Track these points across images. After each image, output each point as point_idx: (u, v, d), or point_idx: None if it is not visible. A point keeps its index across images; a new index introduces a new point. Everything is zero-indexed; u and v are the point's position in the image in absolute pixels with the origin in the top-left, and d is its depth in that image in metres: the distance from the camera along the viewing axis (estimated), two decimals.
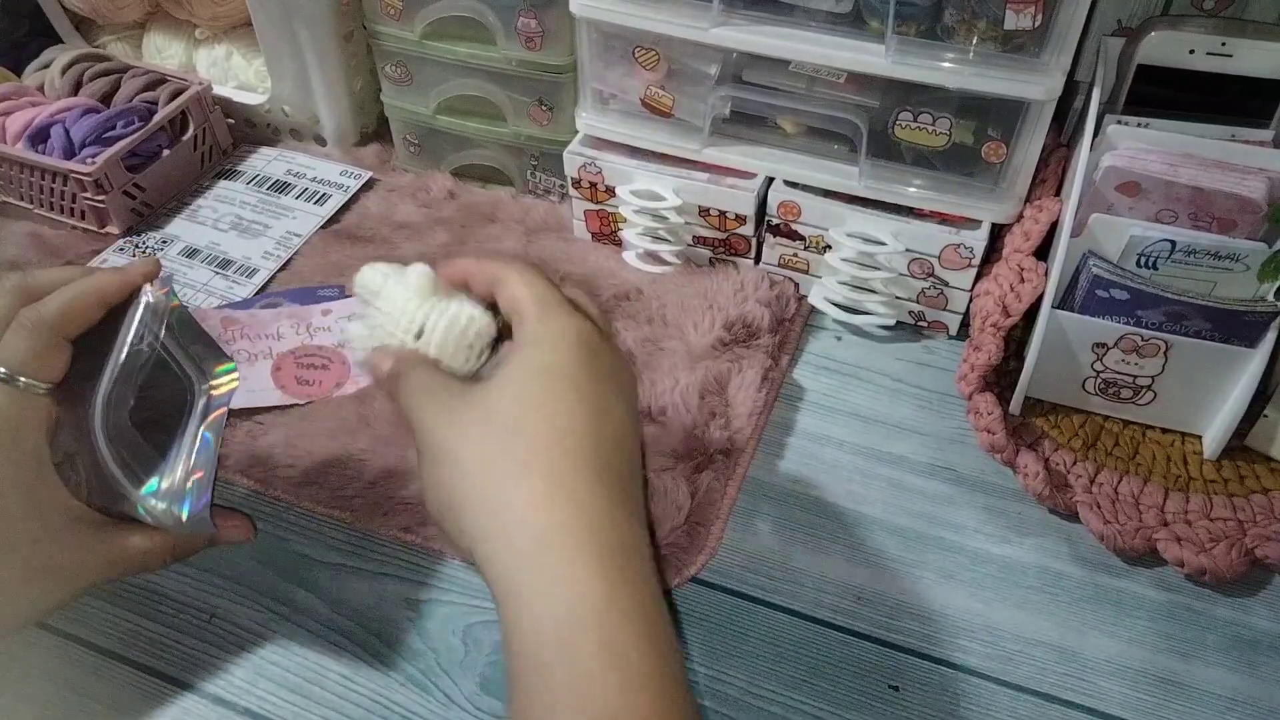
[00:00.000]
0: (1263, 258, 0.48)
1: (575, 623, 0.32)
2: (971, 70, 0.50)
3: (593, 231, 0.66)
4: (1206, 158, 0.51)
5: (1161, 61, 0.53)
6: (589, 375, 0.36)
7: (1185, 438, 0.53)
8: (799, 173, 0.59)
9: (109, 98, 0.70)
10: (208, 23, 0.73)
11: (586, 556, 0.33)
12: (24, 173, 0.66)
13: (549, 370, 0.36)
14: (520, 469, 0.34)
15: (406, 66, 0.66)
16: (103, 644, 0.45)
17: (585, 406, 0.36)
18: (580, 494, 0.34)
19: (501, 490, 0.34)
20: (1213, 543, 0.47)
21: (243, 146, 0.75)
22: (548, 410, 0.35)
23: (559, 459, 0.34)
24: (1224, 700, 0.44)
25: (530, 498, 0.33)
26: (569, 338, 0.37)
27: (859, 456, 0.54)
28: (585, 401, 0.36)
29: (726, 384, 0.55)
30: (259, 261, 0.65)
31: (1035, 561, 0.49)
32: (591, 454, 0.35)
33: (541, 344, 0.36)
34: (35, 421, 0.39)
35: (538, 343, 0.36)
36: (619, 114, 0.62)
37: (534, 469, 0.34)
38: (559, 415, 0.35)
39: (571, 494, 0.34)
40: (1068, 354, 0.51)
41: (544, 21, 0.60)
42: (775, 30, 0.54)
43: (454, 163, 0.71)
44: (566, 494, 0.34)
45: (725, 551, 0.49)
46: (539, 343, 0.36)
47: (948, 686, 0.44)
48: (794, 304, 0.62)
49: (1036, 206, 0.54)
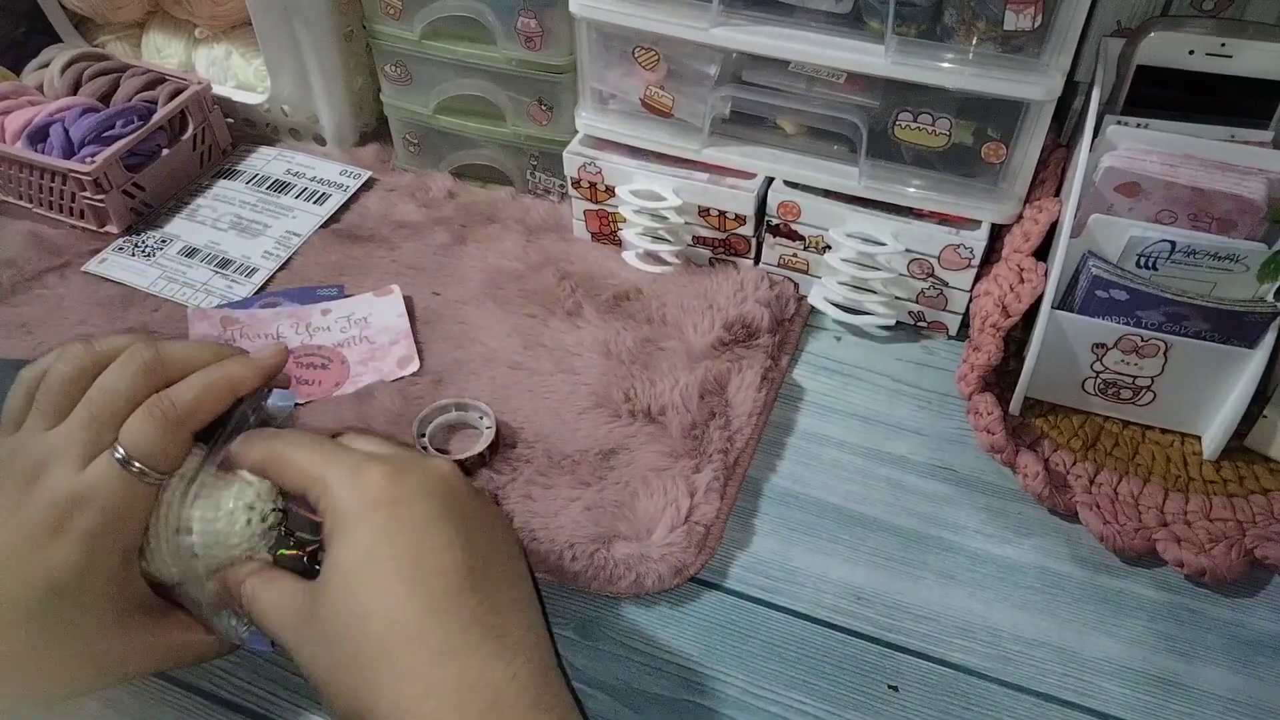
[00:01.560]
0: (1262, 258, 0.49)
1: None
2: (971, 70, 0.50)
3: (593, 231, 0.66)
4: (1206, 158, 0.51)
5: (1161, 62, 0.53)
6: (402, 539, 0.35)
7: (1185, 438, 0.53)
8: (799, 173, 0.59)
9: (108, 97, 0.70)
10: (207, 22, 0.73)
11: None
12: (23, 172, 0.66)
13: (362, 561, 0.35)
14: (369, 685, 0.34)
15: (406, 66, 0.66)
16: None
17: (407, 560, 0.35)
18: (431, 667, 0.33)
19: (368, 711, 0.34)
20: (1212, 543, 0.47)
21: (242, 146, 0.75)
22: (369, 602, 0.34)
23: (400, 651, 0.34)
24: (1224, 700, 0.44)
25: (389, 704, 0.33)
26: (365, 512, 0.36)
27: (859, 456, 0.54)
28: (408, 553, 0.35)
29: (726, 384, 0.55)
30: (258, 261, 0.65)
31: (1035, 562, 0.49)
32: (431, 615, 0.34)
33: (345, 529, 0.35)
34: (140, 511, 0.37)
35: (342, 530, 0.35)
36: (619, 114, 0.62)
37: (380, 679, 0.34)
38: (380, 602, 0.34)
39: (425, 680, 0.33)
40: (1067, 354, 0.51)
41: (544, 21, 0.60)
42: (775, 30, 0.54)
43: (453, 162, 0.71)
44: (420, 681, 0.33)
45: (725, 551, 0.49)
46: (343, 530, 0.35)
47: (947, 686, 0.44)
48: (794, 304, 0.62)
49: (1036, 207, 0.54)
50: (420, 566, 0.35)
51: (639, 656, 0.45)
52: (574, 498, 0.50)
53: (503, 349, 0.58)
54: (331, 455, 0.38)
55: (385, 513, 0.36)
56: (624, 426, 0.53)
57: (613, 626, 0.46)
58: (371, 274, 0.64)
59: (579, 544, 0.47)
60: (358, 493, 0.36)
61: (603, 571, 0.46)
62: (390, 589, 0.34)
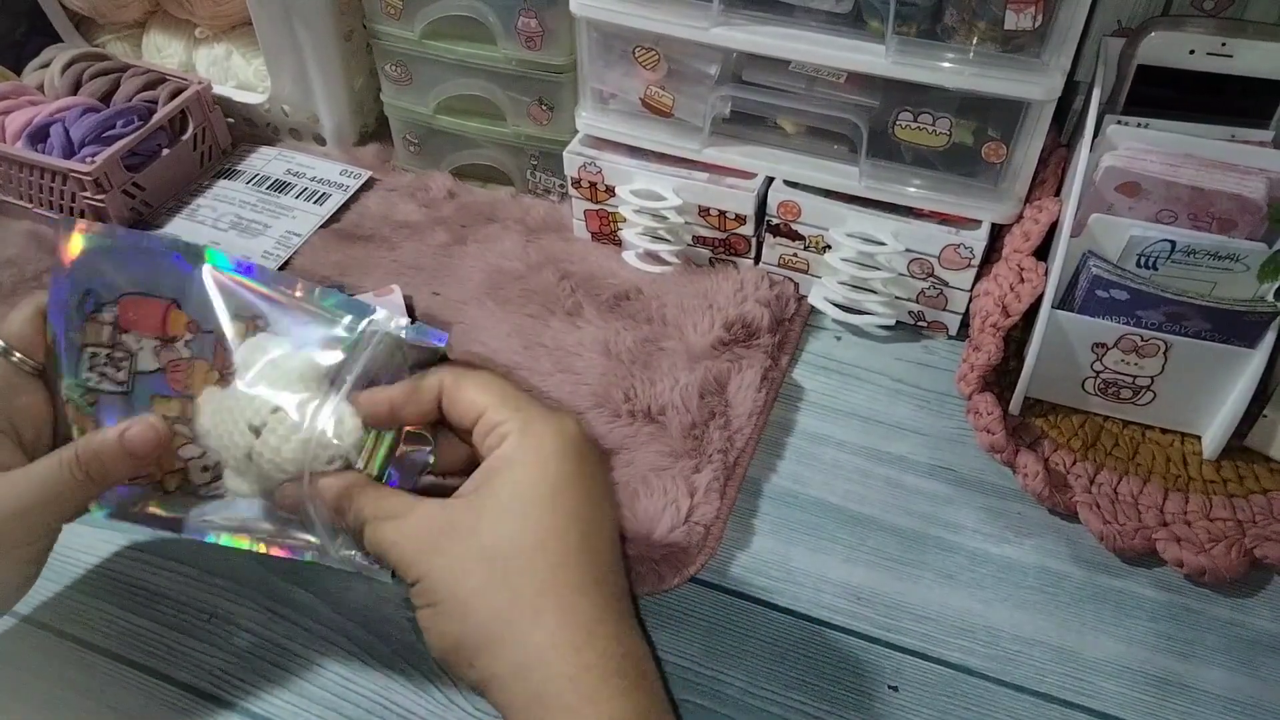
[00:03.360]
0: (1263, 258, 0.49)
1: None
2: (971, 70, 0.50)
3: (593, 231, 0.66)
4: (1206, 158, 0.51)
5: (1161, 62, 0.53)
6: (577, 486, 0.36)
7: (1185, 438, 0.53)
8: (799, 173, 0.59)
9: (108, 97, 0.70)
10: (207, 22, 0.73)
11: (610, 691, 0.33)
12: (23, 172, 0.66)
13: (540, 492, 0.36)
14: (531, 610, 0.34)
15: (406, 66, 0.66)
16: (103, 644, 0.45)
17: (580, 526, 0.36)
18: (593, 624, 0.34)
19: (515, 633, 0.34)
20: (1212, 543, 0.47)
21: (242, 146, 0.75)
22: (548, 539, 0.35)
23: (568, 594, 0.34)
24: (1224, 700, 0.44)
25: (546, 638, 0.34)
26: (553, 448, 0.36)
27: (859, 456, 0.54)
28: (579, 520, 0.36)
29: (726, 384, 0.55)
30: (258, 261, 0.65)
31: (1035, 561, 0.49)
32: (593, 576, 0.35)
33: (527, 461, 0.36)
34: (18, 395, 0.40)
35: (523, 461, 0.36)
36: (619, 114, 0.62)
37: (545, 609, 0.34)
38: (558, 542, 0.35)
39: (587, 629, 0.34)
40: (1067, 354, 0.51)
41: (544, 21, 0.60)
42: (775, 30, 0.54)
43: (454, 162, 0.71)
44: (583, 629, 0.34)
45: (725, 551, 0.49)
46: (524, 461, 0.36)
47: (947, 686, 0.44)
48: (794, 304, 0.62)
49: (1036, 207, 0.54)
50: (596, 531, 0.36)
51: None
52: None
53: (503, 349, 0.58)
54: (516, 393, 0.38)
55: (574, 464, 0.37)
56: (624, 426, 0.53)
57: None
58: (371, 274, 0.64)
59: None
60: (555, 428, 0.37)
61: None
62: (566, 532, 0.35)
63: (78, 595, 0.47)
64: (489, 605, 0.34)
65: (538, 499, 0.36)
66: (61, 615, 0.46)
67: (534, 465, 0.36)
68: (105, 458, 0.38)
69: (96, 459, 0.38)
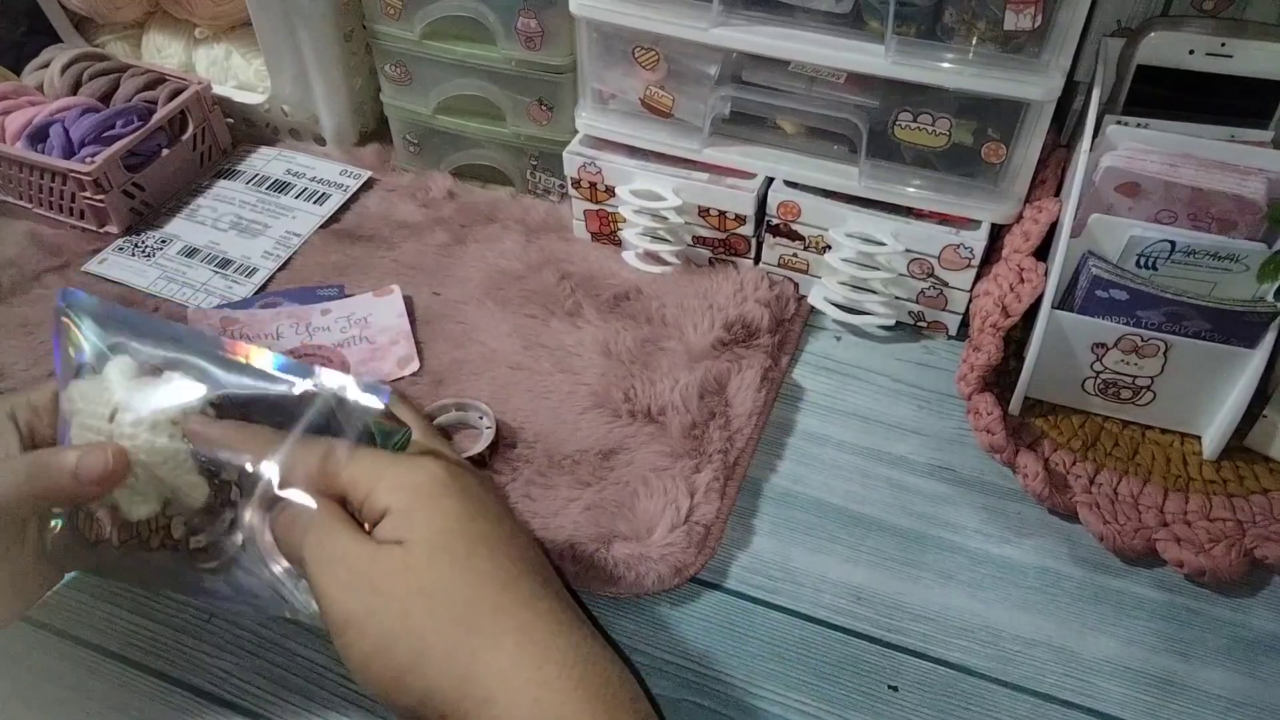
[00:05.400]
0: (1262, 258, 0.49)
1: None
2: (971, 70, 0.50)
3: (592, 231, 0.66)
4: (1206, 158, 0.51)
5: (1161, 62, 0.53)
6: (471, 501, 0.36)
7: (1185, 438, 0.53)
8: (799, 173, 0.59)
9: (108, 97, 0.70)
10: (207, 22, 0.73)
11: (578, 698, 0.33)
12: (23, 172, 0.66)
13: (454, 529, 0.35)
14: (490, 635, 0.33)
15: (406, 66, 0.66)
16: (103, 644, 0.45)
17: (497, 533, 0.36)
18: (546, 633, 0.34)
19: (470, 656, 0.33)
20: (1212, 543, 0.47)
21: (242, 146, 0.75)
22: (470, 558, 0.35)
23: (512, 606, 0.34)
24: (1224, 700, 0.44)
25: (501, 658, 0.33)
26: (429, 491, 0.36)
27: (859, 456, 0.54)
28: (492, 531, 0.36)
29: (726, 384, 0.55)
30: (258, 261, 0.65)
31: (1035, 562, 0.49)
32: (532, 580, 0.35)
33: (424, 505, 0.36)
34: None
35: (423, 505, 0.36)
36: (619, 114, 0.62)
37: (504, 627, 0.34)
38: (482, 558, 0.35)
39: (541, 640, 0.34)
40: (1067, 354, 0.51)
41: (544, 21, 0.60)
42: (775, 30, 0.54)
43: (454, 162, 0.71)
44: (535, 640, 0.34)
45: (725, 551, 0.49)
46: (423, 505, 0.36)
47: (947, 686, 0.44)
48: (794, 304, 0.62)
49: (1036, 207, 0.54)
50: (511, 543, 0.36)
51: (639, 656, 0.45)
52: (574, 498, 0.50)
53: (503, 349, 0.58)
54: (378, 455, 0.38)
55: (459, 498, 0.36)
56: (624, 426, 0.53)
57: (612, 626, 0.46)
58: (371, 274, 0.64)
59: (579, 544, 0.47)
60: (426, 475, 0.37)
61: (603, 571, 0.46)
62: (495, 554, 0.35)
63: (78, 595, 0.47)
64: (431, 628, 0.34)
65: (447, 543, 0.35)
66: (62, 615, 0.46)
67: (433, 500, 0.36)
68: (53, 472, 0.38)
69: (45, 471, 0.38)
